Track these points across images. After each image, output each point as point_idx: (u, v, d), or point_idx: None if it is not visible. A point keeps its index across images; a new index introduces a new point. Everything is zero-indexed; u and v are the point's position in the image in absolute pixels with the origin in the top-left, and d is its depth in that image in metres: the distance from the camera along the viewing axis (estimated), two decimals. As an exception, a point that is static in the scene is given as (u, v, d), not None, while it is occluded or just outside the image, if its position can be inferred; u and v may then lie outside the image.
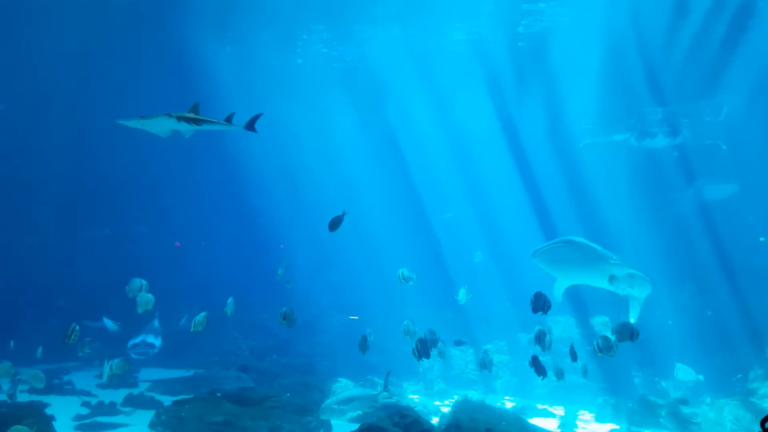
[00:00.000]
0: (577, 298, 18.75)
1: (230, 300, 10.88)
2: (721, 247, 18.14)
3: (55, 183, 22.45)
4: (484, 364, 10.61)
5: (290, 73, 21.51)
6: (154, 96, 21.42)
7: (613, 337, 8.83)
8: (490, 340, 18.48)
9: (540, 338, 10.02)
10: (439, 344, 12.33)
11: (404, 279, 10.49)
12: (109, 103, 21.14)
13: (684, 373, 14.75)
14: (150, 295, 9.45)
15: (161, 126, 8.28)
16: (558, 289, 12.89)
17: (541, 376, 9.22)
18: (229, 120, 8.55)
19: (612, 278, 11.47)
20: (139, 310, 9.46)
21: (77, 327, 8.35)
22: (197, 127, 8.46)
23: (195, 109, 8.63)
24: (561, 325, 18.40)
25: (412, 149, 24.51)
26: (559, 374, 11.58)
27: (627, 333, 8.69)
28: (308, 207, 27.32)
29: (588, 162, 21.30)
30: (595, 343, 9.09)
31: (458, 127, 23.56)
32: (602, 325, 17.93)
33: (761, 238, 18.13)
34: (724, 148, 19.70)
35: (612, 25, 16.76)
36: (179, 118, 8.26)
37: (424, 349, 9.24)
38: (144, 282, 9.56)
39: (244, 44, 19.38)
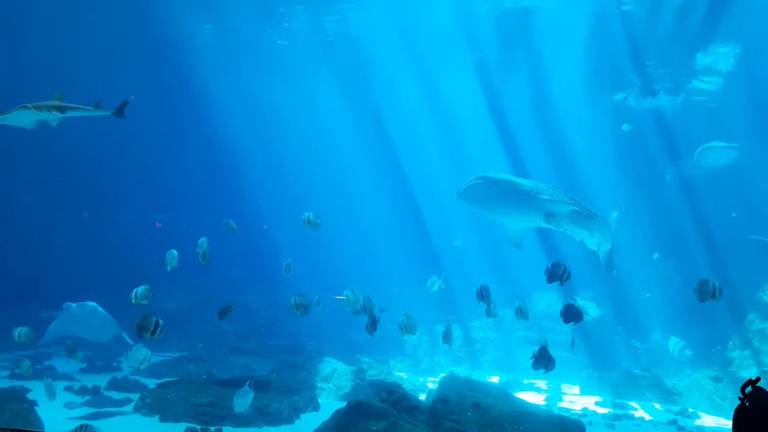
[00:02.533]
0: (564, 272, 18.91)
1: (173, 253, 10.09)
2: (703, 220, 18.31)
3: (34, 165, 21.93)
4: (446, 338, 10.45)
5: (272, 50, 21.10)
6: (134, 75, 21.00)
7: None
8: (476, 317, 18.53)
9: (522, 312, 9.93)
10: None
11: (309, 223, 9.61)
12: (89, 83, 20.66)
13: (678, 348, 14.86)
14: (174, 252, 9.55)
15: (22, 119, 8.11)
16: (510, 234, 12.47)
17: (543, 369, 8.68)
18: (97, 106, 8.32)
19: (549, 216, 10.90)
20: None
21: (160, 321, 7.79)
22: (62, 115, 8.26)
23: (60, 95, 8.43)
24: (545, 301, 18.53)
25: (398, 126, 24.26)
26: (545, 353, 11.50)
27: (572, 315, 8.72)
28: (292, 185, 27.10)
29: (574, 135, 21.24)
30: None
31: (444, 103, 23.35)
32: (586, 300, 18.11)
33: (733, 214, 18.30)
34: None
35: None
36: (38, 108, 8.07)
37: (372, 323, 9.15)
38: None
39: (224, 21, 18.95)
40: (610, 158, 20.85)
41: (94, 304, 13.82)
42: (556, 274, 8.40)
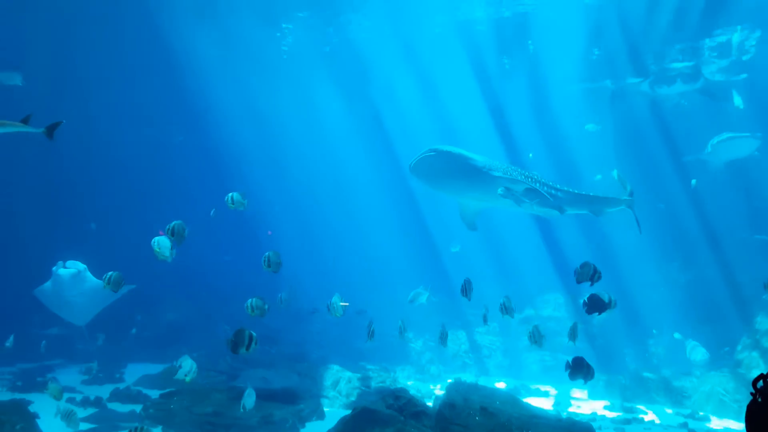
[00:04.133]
0: (567, 273, 18.73)
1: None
2: (707, 219, 18.15)
3: (37, 175, 21.82)
4: (442, 339, 10.24)
5: (274, 58, 21.12)
6: (137, 82, 21.02)
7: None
8: (482, 322, 18.34)
9: (506, 309, 9.46)
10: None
11: (233, 203, 8.98)
12: (92, 91, 20.66)
13: (696, 352, 14.56)
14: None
15: None
16: (465, 214, 12.15)
17: (582, 379, 8.17)
18: (26, 121, 7.95)
19: (506, 191, 10.60)
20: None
21: (253, 334, 7.52)
22: None
23: None
24: (551, 304, 18.38)
25: (399, 131, 24.24)
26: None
27: (596, 306, 8.37)
28: (295, 191, 27.05)
29: (575, 138, 21.13)
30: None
31: (444, 107, 23.34)
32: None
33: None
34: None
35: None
36: None
37: (369, 332, 8.87)
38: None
39: (227, 29, 18.94)
40: (611, 153, 20.65)
41: (85, 266, 13.18)
42: (587, 274, 8.11)
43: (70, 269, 12.95)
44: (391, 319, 13.38)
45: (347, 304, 12.38)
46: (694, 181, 17.80)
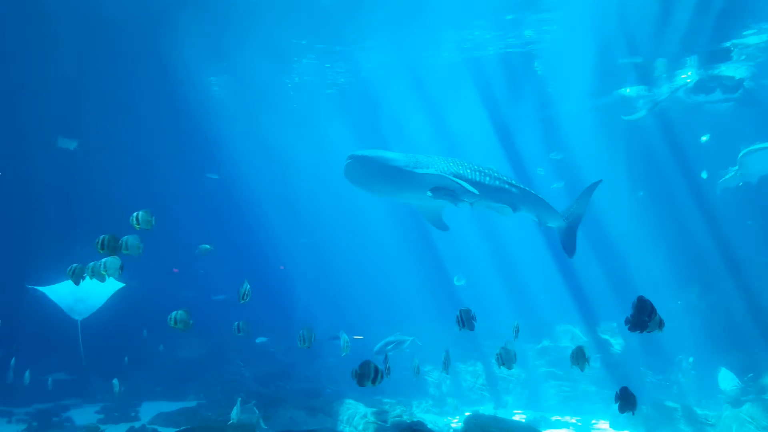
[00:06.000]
0: (584, 303, 18.54)
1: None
2: (726, 244, 17.94)
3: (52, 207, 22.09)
4: (445, 365, 9.86)
5: (284, 95, 21.48)
6: (149, 121, 21.41)
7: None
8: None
9: (503, 360, 9.03)
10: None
11: (139, 223, 7.70)
12: (108, 131, 21.04)
13: (727, 381, 14.15)
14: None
15: None
16: (425, 216, 11.61)
17: (631, 411, 7.34)
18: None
19: (436, 190, 9.98)
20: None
21: (379, 367, 7.05)
22: None
23: None
24: (568, 335, 18.12)
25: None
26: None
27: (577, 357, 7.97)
28: (306, 225, 27.16)
29: (588, 162, 21.12)
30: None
31: (453, 138, 23.53)
32: (609, 331, 17.67)
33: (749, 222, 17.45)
34: None
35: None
36: None
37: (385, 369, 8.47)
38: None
39: (236, 70, 19.35)
40: (623, 172, 20.48)
41: None
42: (643, 311, 6.48)
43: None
44: (409, 351, 13.30)
45: (361, 336, 12.19)
46: (704, 174, 17.15)
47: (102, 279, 8.14)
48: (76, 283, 8.19)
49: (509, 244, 25.73)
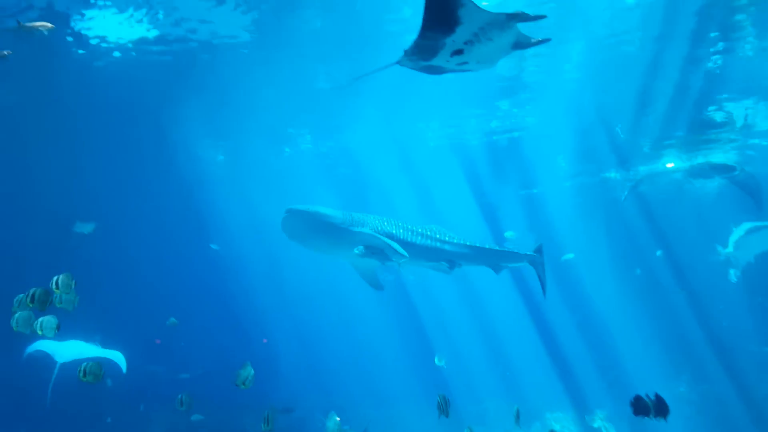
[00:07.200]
0: (575, 389, 18.10)
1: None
2: (714, 332, 17.84)
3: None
4: (443, 408, 9.19)
5: (275, 168, 21.77)
6: (149, 196, 21.49)
7: None
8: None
9: (443, 408, 8.65)
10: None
11: (59, 288, 7.03)
12: (110, 212, 21.05)
13: None
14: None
15: None
16: (361, 274, 11.69)
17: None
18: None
19: (365, 248, 10.23)
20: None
21: None
22: None
23: None
24: (560, 422, 17.62)
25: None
26: None
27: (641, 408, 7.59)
28: (293, 298, 26.78)
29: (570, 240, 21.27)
30: None
31: (438, 211, 23.81)
32: (602, 420, 17.20)
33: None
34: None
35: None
36: None
37: None
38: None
39: (235, 149, 19.76)
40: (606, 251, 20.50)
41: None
42: (639, 407, 7.09)
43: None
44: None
45: (339, 419, 11.72)
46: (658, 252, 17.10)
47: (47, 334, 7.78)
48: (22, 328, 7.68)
49: (497, 324, 25.49)
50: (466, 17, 5.10)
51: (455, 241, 11.38)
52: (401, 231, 10.86)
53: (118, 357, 13.85)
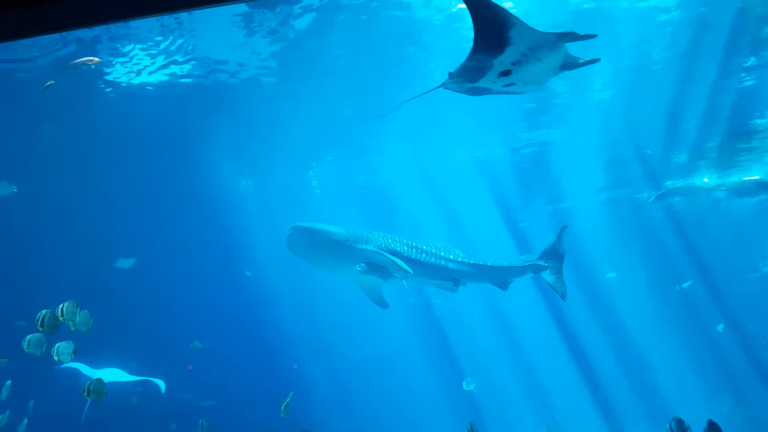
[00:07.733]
0: (611, 413, 17.56)
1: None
2: (755, 352, 17.26)
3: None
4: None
5: (304, 195, 21.96)
6: (181, 224, 21.83)
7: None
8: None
9: None
10: None
11: (63, 315, 7.25)
12: (143, 241, 21.45)
13: None
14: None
15: None
16: (366, 292, 11.68)
17: None
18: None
19: (367, 267, 10.46)
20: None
21: None
22: None
23: None
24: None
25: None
26: None
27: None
28: (322, 322, 26.72)
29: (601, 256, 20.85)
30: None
31: (468, 237, 23.64)
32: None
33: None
34: None
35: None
36: None
37: None
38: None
39: (261, 176, 20.05)
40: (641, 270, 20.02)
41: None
42: None
43: None
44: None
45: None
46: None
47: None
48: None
49: (529, 346, 25.05)
50: (516, 37, 5.04)
51: (459, 258, 11.40)
52: (405, 248, 10.96)
53: (158, 381, 14.23)
